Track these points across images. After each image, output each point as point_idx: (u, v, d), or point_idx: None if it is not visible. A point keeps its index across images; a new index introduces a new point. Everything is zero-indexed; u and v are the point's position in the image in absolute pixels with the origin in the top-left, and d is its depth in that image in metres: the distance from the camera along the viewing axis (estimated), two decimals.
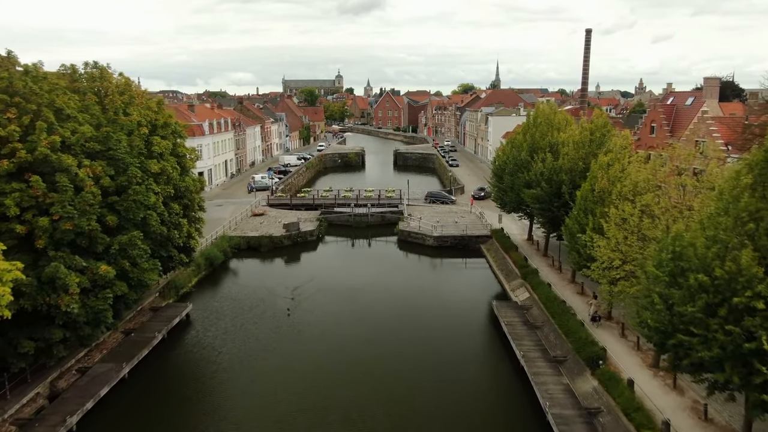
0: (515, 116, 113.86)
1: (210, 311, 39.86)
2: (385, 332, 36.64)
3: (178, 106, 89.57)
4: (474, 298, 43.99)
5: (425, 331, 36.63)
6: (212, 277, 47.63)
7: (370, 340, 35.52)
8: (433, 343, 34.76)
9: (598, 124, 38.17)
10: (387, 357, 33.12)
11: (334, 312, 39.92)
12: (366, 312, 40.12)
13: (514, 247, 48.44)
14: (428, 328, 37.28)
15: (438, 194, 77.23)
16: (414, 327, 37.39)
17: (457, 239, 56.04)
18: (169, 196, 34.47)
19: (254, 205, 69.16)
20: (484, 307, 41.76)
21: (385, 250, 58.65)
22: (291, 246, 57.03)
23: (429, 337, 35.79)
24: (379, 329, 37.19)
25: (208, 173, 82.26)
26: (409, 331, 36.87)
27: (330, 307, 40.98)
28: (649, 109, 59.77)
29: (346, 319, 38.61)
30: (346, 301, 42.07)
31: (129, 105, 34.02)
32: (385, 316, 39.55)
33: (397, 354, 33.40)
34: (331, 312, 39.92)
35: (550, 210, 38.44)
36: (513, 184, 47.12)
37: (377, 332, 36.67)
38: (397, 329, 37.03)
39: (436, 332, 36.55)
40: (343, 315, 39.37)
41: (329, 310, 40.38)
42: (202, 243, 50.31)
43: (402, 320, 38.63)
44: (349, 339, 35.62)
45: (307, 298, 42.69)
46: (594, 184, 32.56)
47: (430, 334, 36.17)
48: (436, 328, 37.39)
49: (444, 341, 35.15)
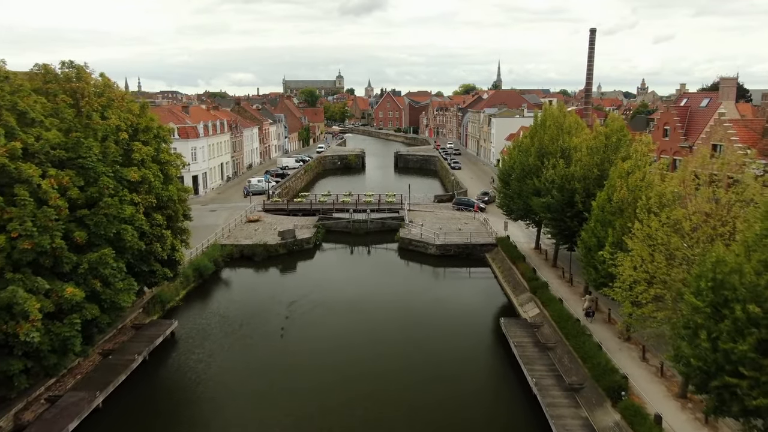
0: (519, 117, 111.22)
1: (197, 329, 37.14)
2: (383, 356, 33.76)
3: (172, 107, 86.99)
4: (479, 313, 41.26)
5: (428, 354, 33.80)
6: (202, 290, 44.92)
7: (367, 364, 32.72)
8: (437, 368, 31.97)
9: (613, 127, 35.46)
10: (385, 385, 30.41)
11: (329, 331, 37.19)
12: (363, 331, 37.37)
13: (521, 258, 45.73)
14: (431, 349, 34.49)
15: (466, 201, 70.44)
16: (416, 348, 34.57)
17: (460, 248, 53.32)
18: (150, 206, 31.87)
19: (249, 210, 66.49)
20: (490, 323, 39.04)
21: (385, 259, 55.95)
22: (286, 254, 54.32)
23: (432, 361, 32.97)
24: (377, 352, 34.37)
25: (202, 176, 79.71)
26: (411, 352, 34.09)
27: (325, 324, 38.26)
28: (661, 111, 57.07)
29: (342, 340, 35.86)
30: (342, 319, 39.31)
31: (107, 107, 31.40)
32: (384, 336, 36.80)
33: (397, 381, 30.65)
34: (326, 331, 37.20)
35: (561, 220, 35.73)
36: (520, 191, 44.43)
37: (375, 355, 33.83)
38: (397, 352, 34.16)
39: (439, 354, 33.79)
40: (339, 335, 36.61)
41: (324, 327, 37.67)
42: (192, 252, 47.72)
43: (403, 341, 35.88)
44: (344, 362, 32.83)
45: (302, 314, 39.97)
46: (612, 194, 29.86)
47: (433, 358, 33.35)
48: (440, 349, 34.65)
49: (449, 364, 32.39)
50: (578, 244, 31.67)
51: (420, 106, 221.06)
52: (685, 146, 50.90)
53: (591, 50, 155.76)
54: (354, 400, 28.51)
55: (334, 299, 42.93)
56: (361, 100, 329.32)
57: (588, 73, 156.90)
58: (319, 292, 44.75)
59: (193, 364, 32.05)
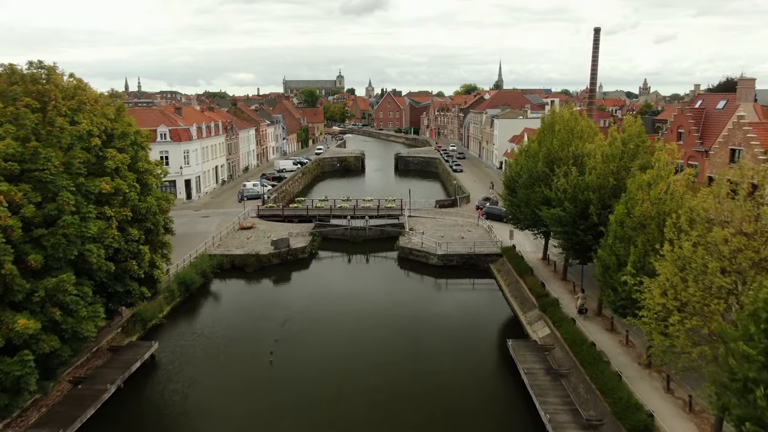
0: (522, 119, 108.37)
1: (179, 351, 34.23)
2: (380, 386, 30.75)
3: (164, 109, 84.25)
4: (485, 332, 38.43)
5: (430, 381, 30.88)
6: (188, 305, 42.09)
7: (362, 395, 29.82)
8: (440, 398, 29.13)
9: (631, 132, 32.58)
10: (382, 418, 27.59)
11: (321, 354, 34.22)
12: (358, 355, 34.33)
13: (528, 270, 42.88)
14: (433, 376, 31.60)
15: (498, 212, 59.92)
16: (417, 376, 31.58)
17: (464, 258, 50.45)
18: (126, 219, 29.08)
19: (243, 216, 63.67)
20: (496, 343, 36.23)
21: (384, 269, 53.07)
22: (280, 265, 51.49)
23: (434, 388, 30.13)
24: (374, 380, 31.43)
25: (195, 180, 76.98)
26: (411, 378, 31.23)
27: (317, 346, 35.30)
28: (674, 114, 54.22)
29: (334, 365, 32.85)
30: (336, 340, 36.34)
31: (78, 111, 28.62)
32: (381, 359, 33.85)
33: (396, 411, 27.85)
34: (318, 353, 34.24)
35: (574, 234, 32.85)
36: (528, 199, 41.58)
37: (371, 385, 30.76)
38: (396, 380, 31.22)
39: (442, 381, 30.90)
40: (332, 359, 33.63)
41: (316, 349, 34.70)
42: (179, 264, 44.97)
43: (402, 364, 32.99)
44: (337, 391, 29.91)
45: (292, 336, 37.10)
46: (631, 207, 27.00)
47: (435, 386, 30.46)
48: (443, 371, 31.86)
49: (453, 395, 29.50)
50: (594, 261, 28.77)
51: (421, 106, 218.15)
52: (700, 150, 48.03)
53: (595, 50, 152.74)
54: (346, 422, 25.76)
55: (328, 317, 40.00)
56: (362, 100, 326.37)
57: (592, 72, 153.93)
58: (312, 308, 41.92)
59: (169, 395, 29.19)
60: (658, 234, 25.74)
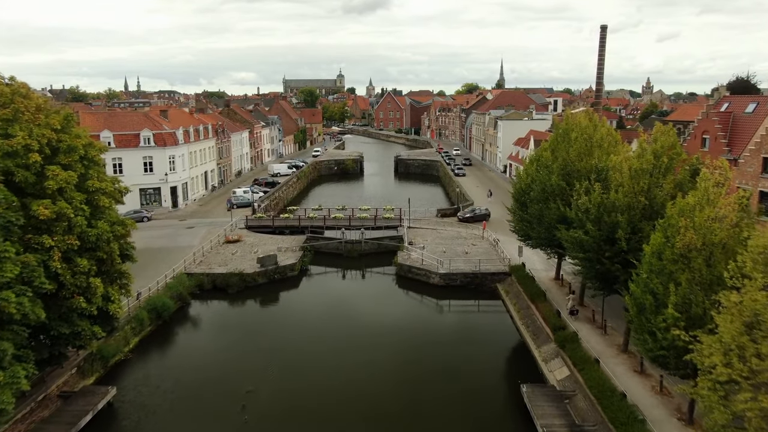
0: (527, 120, 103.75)
1: (140, 400, 29.37)
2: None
3: (149, 111, 79.74)
4: (494, 370, 33.83)
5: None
6: (160, 335, 37.54)
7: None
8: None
9: (664, 144, 28.00)
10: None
11: (306, 397, 29.76)
12: (349, 398, 29.91)
13: (541, 295, 38.35)
14: (435, 416, 27.19)
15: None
16: (415, 424, 27.25)
17: (468, 277, 45.87)
18: (72, 249, 24.63)
19: (229, 228, 59.15)
20: (507, 384, 31.64)
21: (381, 289, 48.48)
22: (267, 284, 46.97)
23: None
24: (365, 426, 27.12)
25: (182, 187, 72.45)
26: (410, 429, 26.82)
27: (303, 388, 30.77)
28: (699, 117, 49.62)
29: (323, 411, 28.47)
30: (324, 380, 31.80)
31: (13, 122, 24.18)
32: (375, 403, 29.46)
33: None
34: (302, 397, 29.77)
35: (598, 261, 28.28)
36: (541, 216, 37.04)
37: None
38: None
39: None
40: (320, 404, 29.21)
41: (301, 393, 30.20)
42: (153, 287, 40.53)
43: (397, 413, 28.50)
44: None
45: (272, 381, 32.57)
46: (671, 235, 22.45)
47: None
48: (446, 417, 27.37)
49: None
50: (626, 300, 24.19)
51: (422, 106, 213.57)
52: (729, 159, 43.41)
53: (602, 48, 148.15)
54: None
55: (315, 352, 35.38)
56: (362, 100, 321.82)
57: (598, 71, 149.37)
58: (298, 340, 37.37)
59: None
60: (706, 271, 21.28)
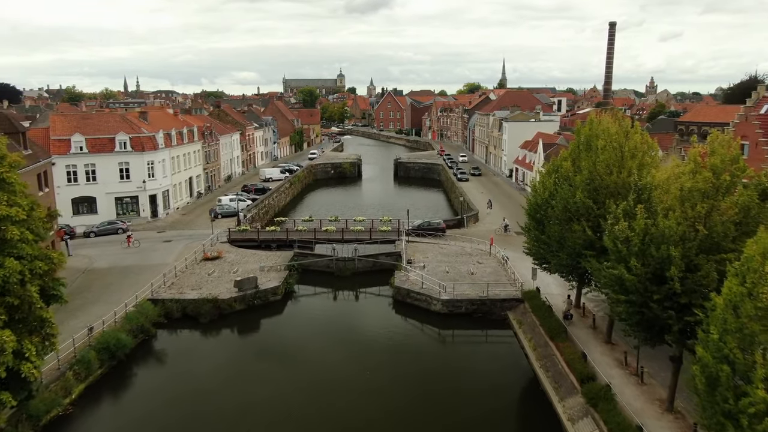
0: (534, 122, 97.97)
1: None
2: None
3: (128, 113, 74.02)
4: (505, 422, 28.22)
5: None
6: (112, 379, 31.76)
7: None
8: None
9: (724, 158, 22.26)
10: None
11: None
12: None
13: (561, 331, 32.64)
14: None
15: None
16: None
17: (474, 304, 40.09)
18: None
19: (209, 243, 53.47)
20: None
21: (376, 316, 42.64)
22: (246, 311, 41.29)
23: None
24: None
25: (162, 195, 66.80)
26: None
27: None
28: (736, 121, 43.90)
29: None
30: (310, 424, 26.29)
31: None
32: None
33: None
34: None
35: (644, 305, 22.52)
36: (563, 239, 31.33)
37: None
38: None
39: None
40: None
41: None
42: (110, 318, 34.95)
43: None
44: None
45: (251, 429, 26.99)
46: (752, 284, 16.74)
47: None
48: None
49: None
50: (694, 371, 18.39)
51: (423, 106, 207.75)
52: None
53: (610, 45, 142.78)
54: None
55: (297, 404, 29.69)
56: (362, 100, 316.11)
57: (607, 69, 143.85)
58: (280, 375, 31.77)
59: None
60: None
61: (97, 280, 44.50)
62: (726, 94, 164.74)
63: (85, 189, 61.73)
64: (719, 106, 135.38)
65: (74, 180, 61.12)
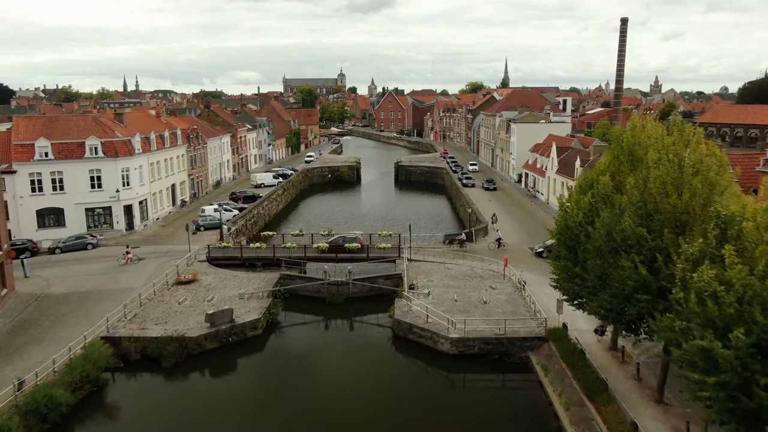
0: (545, 123, 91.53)
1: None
2: None
3: (102, 115, 67.71)
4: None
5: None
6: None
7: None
8: None
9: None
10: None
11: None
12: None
13: (602, 389, 26.29)
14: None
15: None
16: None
17: (489, 344, 33.64)
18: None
19: (185, 263, 47.17)
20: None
21: (372, 356, 35.91)
22: (219, 349, 34.97)
23: None
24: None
25: (139, 206, 60.53)
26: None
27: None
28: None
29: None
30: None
31: None
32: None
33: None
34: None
35: (744, 391, 16.14)
36: (606, 276, 24.99)
37: None
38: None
39: None
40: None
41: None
42: (49, 366, 28.70)
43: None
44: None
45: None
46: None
47: None
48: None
49: None
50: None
51: (424, 106, 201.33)
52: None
53: (622, 42, 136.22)
54: None
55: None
56: (362, 100, 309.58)
57: (618, 68, 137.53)
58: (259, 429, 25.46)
59: None
60: None
61: (49, 309, 38.37)
62: (741, 94, 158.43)
63: (52, 199, 55.47)
64: (738, 107, 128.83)
65: (39, 189, 54.89)
